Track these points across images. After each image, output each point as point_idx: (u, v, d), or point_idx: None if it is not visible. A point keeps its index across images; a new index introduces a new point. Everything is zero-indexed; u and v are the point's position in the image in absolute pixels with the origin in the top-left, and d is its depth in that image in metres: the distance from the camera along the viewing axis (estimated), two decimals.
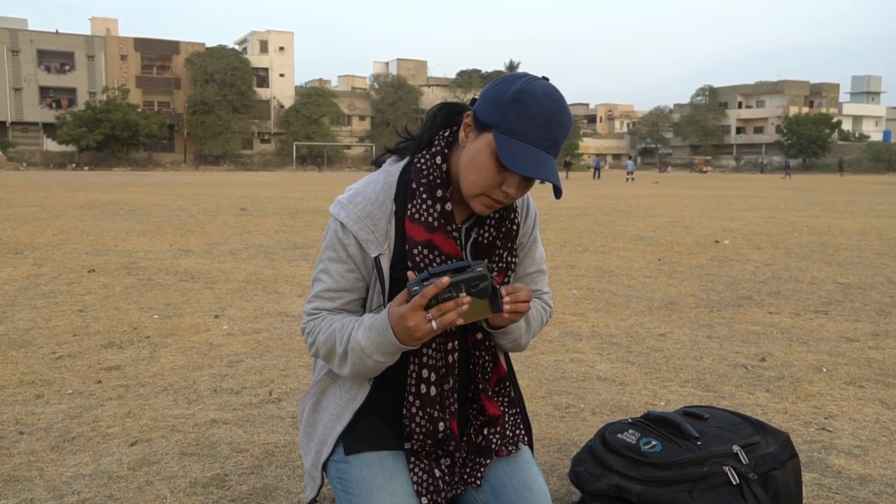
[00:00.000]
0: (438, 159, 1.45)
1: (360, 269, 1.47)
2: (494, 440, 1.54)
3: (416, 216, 1.43)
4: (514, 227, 1.52)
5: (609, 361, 3.51)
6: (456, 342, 1.49)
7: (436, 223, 1.42)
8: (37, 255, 6.90)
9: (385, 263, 1.45)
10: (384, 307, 1.47)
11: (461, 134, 1.42)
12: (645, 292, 5.36)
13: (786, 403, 2.91)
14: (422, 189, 1.44)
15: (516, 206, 1.54)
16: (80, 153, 57.79)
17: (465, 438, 1.55)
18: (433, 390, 1.46)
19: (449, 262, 1.43)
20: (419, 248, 1.42)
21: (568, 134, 1.37)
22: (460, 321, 1.32)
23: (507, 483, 1.52)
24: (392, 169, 1.50)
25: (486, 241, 1.49)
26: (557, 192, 1.37)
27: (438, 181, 1.43)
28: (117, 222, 10.50)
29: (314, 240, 8.61)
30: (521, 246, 1.59)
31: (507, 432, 1.59)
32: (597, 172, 44.34)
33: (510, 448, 1.58)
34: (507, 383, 1.62)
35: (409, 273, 1.35)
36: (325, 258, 1.50)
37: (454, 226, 1.45)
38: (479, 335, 1.53)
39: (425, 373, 1.46)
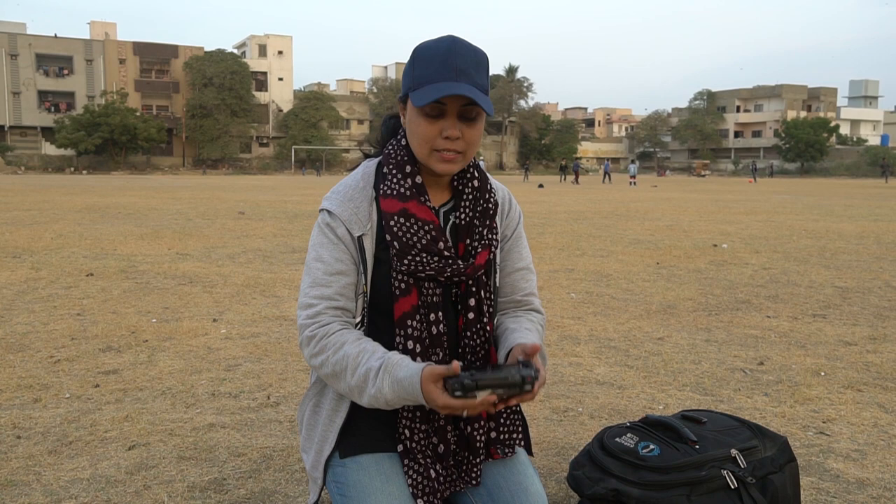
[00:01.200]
0: (403, 141, 1.54)
1: (350, 250, 1.51)
2: (479, 437, 1.53)
3: (389, 192, 1.50)
4: (491, 206, 1.57)
5: (607, 365, 3.51)
6: (440, 314, 1.50)
7: (408, 192, 1.49)
8: (35, 259, 6.89)
9: (368, 244, 1.50)
10: (367, 289, 1.50)
11: (402, 120, 1.53)
12: (643, 296, 5.36)
13: (784, 407, 2.91)
14: (391, 167, 1.52)
15: (491, 188, 1.60)
16: (79, 157, 57.83)
17: (457, 431, 1.54)
18: (419, 361, 1.46)
19: (426, 227, 1.47)
20: (395, 217, 1.48)
21: (478, 62, 1.42)
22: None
23: (502, 485, 1.52)
24: (370, 163, 1.60)
25: (463, 222, 1.54)
26: (486, 110, 1.41)
27: (406, 158, 1.52)
28: (115, 226, 10.49)
29: None
30: (506, 238, 1.65)
31: (503, 436, 1.58)
32: (607, 176, 44.29)
33: (506, 451, 1.57)
34: None
35: (455, 364, 1.27)
36: (316, 244, 1.53)
37: (426, 197, 1.50)
38: (471, 315, 1.54)
39: (410, 344, 1.48)
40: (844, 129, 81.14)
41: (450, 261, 1.48)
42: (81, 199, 17.80)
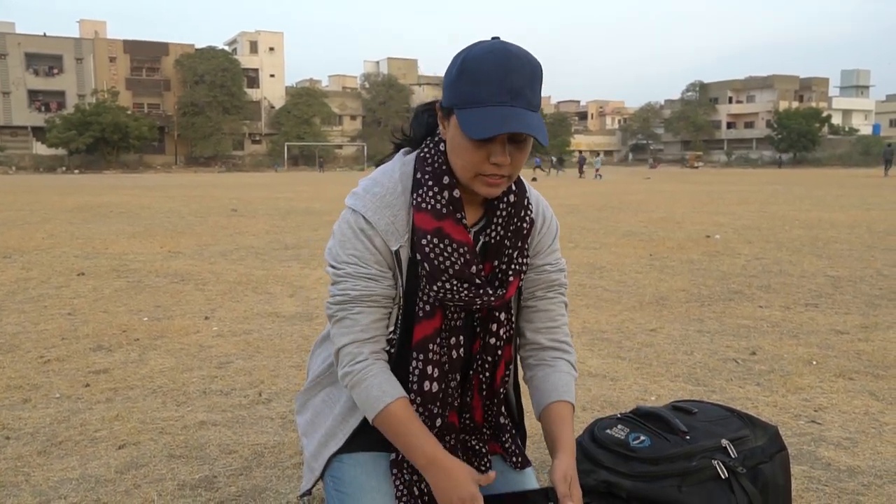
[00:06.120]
0: (442, 146, 1.40)
1: (387, 261, 1.39)
2: (480, 446, 1.53)
3: (423, 205, 1.37)
4: (525, 225, 1.46)
5: (600, 357, 3.51)
6: (461, 338, 1.44)
7: (444, 210, 1.36)
8: (25, 259, 6.86)
9: (404, 256, 1.39)
10: (401, 300, 1.41)
11: (440, 128, 1.39)
12: (636, 288, 5.36)
13: (776, 396, 2.92)
14: (427, 177, 1.38)
15: (528, 204, 1.49)
16: (70, 156, 57.47)
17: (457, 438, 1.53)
18: (435, 386, 1.41)
19: (461, 249, 1.36)
20: (429, 237, 1.36)
21: (534, 77, 1.28)
22: None
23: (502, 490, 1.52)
24: (406, 159, 1.44)
25: (494, 241, 1.43)
26: (541, 142, 1.28)
27: (444, 167, 1.38)
28: (107, 225, 10.45)
29: (305, 240, 8.59)
30: (537, 254, 1.55)
31: (508, 446, 1.59)
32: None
33: (514, 460, 1.59)
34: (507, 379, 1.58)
35: (492, 474, 1.37)
36: (349, 246, 1.38)
37: (463, 214, 1.38)
38: (492, 340, 1.48)
39: (429, 369, 1.41)
40: (836, 119, 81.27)
41: (480, 290, 1.38)
42: (73, 198, 17.71)
